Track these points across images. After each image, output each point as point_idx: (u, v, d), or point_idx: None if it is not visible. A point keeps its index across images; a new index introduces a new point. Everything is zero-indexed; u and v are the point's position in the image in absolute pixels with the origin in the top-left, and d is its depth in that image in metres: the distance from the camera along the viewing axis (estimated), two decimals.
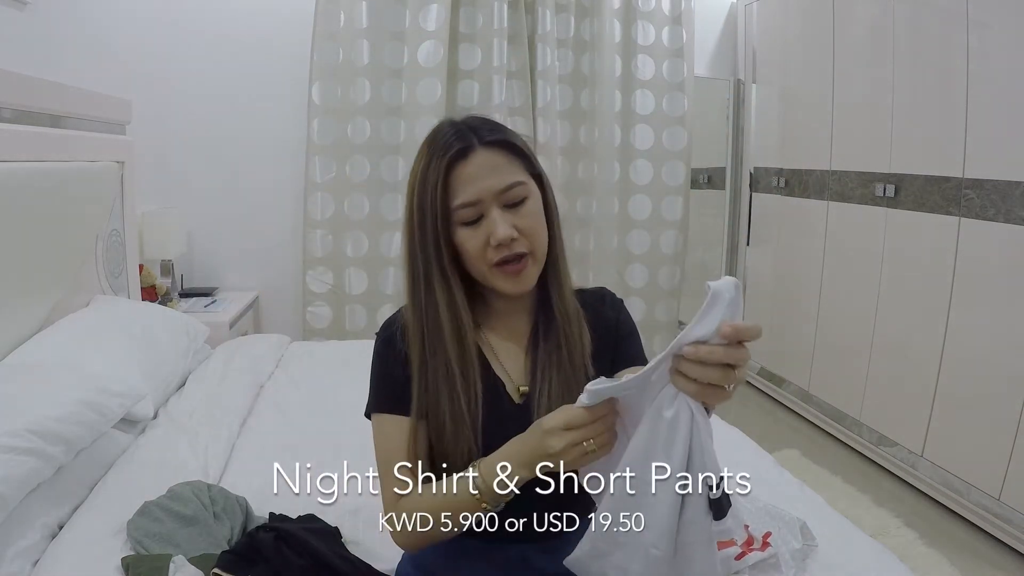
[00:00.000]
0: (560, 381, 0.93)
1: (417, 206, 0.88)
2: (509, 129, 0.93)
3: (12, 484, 1.16)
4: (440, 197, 0.86)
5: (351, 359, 2.44)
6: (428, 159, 0.88)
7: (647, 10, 3.45)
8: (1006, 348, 2.16)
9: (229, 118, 3.22)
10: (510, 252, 0.87)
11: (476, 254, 0.88)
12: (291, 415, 1.92)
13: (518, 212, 0.88)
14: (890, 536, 2.15)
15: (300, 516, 1.31)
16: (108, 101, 2.40)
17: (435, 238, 0.87)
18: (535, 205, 0.90)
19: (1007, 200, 2.13)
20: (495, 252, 0.87)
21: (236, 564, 1.13)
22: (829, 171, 3.05)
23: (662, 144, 3.57)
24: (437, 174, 0.86)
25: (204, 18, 3.12)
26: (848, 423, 2.92)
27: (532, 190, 0.90)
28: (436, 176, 0.86)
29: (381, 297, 3.36)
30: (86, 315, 2.01)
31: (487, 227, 0.86)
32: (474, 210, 0.86)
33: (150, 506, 1.27)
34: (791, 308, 3.40)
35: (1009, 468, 2.13)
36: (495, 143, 0.88)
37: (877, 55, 2.70)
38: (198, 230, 3.29)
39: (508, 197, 0.87)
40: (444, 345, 0.90)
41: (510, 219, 0.87)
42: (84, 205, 2.15)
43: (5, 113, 1.73)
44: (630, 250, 3.64)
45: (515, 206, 0.88)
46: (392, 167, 3.27)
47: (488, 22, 3.22)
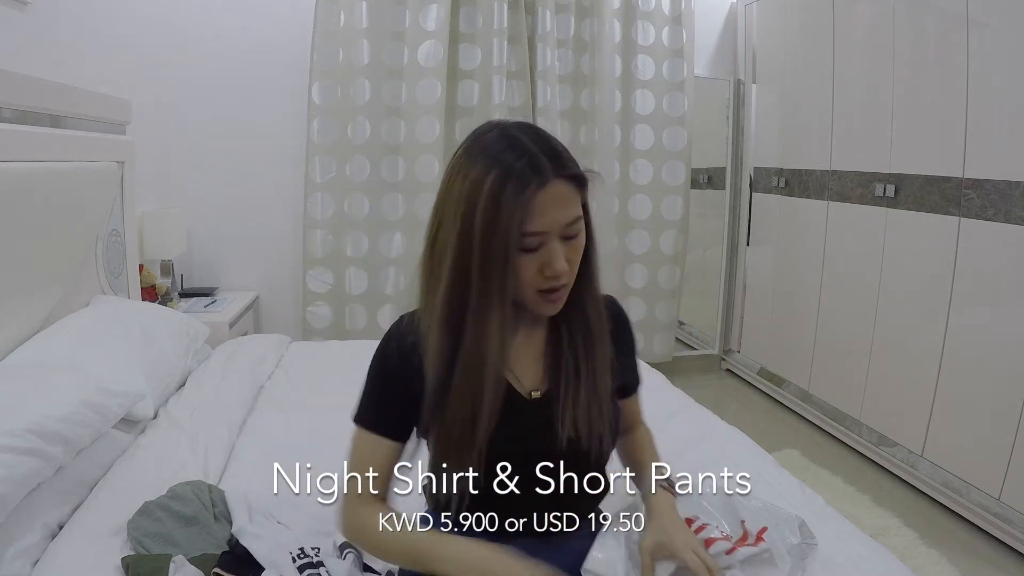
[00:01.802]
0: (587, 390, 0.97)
1: (482, 225, 0.85)
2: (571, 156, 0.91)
3: (12, 484, 1.16)
4: (518, 222, 0.85)
5: (351, 359, 2.43)
6: (502, 181, 0.84)
7: (647, 10, 3.46)
8: (1006, 348, 2.16)
9: (229, 118, 3.22)
10: (557, 283, 0.90)
11: (528, 279, 0.89)
12: (291, 415, 1.92)
13: (570, 245, 0.90)
14: (890, 536, 2.15)
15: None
16: (108, 101, 2.39)
17: (504, 260, 0.86)
18: (582, 238, 0.92)
19: (1007, 200, 2.13)
20: (545, 281, 0.89)
21: (236, 564, 1.13)
22: (829, 171, 3.05)
23: (662, 144, 3.57)
24: (516, 200, 0.84)
25: (204, 18, 3.12)
26: (848, 423, 2.92)
27: (583, 223, 0.92)
28: (515, 201, 0.84)
29: (381, 297, 3.36)
30: (86, 315, 2.00)
31: (545, 257, 0.88)
32: (538, 239, 0.87)
33: (150, 506, 1.27)
34: (791, 308, 3.40)
35: (1009, 468, 2.13)
36: (567, 177, 0.88)
37: (877, 55, 2.70)
38: (198, 230, 3.30)
39: (568, 231, 0.89)
40: (483, 370, 0.90)
41: (563, 251, 0.89)
42: (84, 205, 2.15)
43: (5, 113, 1.73)
44: (630, 250, 3.64)
45: (569, 239, 0.90)
46: (392, 167, 3.27)
47: (488, 22, 3.22)
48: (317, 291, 3.32)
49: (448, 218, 0.88)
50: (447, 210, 0.89)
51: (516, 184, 0.84)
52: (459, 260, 0.87)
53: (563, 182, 0.87)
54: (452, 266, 0.88)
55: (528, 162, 0.85)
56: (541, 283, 0.89)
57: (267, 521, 1.26)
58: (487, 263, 0.86)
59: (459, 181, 0.88)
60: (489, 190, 0.84)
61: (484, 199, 0.85)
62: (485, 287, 0.87)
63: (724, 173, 3.89)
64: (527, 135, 0.89)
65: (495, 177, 0.85)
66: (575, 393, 0.96)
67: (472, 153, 0.89)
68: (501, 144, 0.87)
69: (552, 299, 0.91)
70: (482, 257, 0.86)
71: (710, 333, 4.12)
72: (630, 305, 3.65)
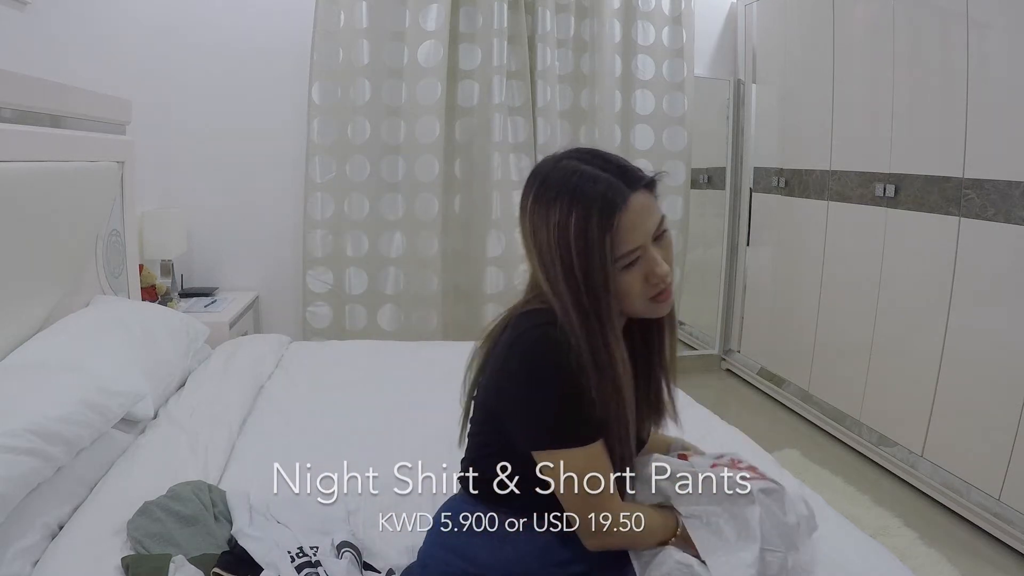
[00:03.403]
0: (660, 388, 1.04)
1: (580, 263, 0.87)
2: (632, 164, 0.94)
3: (12, 484, 1.16)
4: (611, 251, 0.87)
5: (351, 359, 2.44)
6: (585, 216, 0.87)
7: (647, 10, 3.46)
8: (1006, 348, 2.16)
9: (229, 118, 3.22)
10: (665, 284, 0.93)
11: (637, 293, 0.92)
12: (291, 415, 1.92)
13: (662, 243, 0.93)
14: (890, 536, 2.15)
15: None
16: (108, 101, 2.39)
17: (606, 292, 0.89)
18: (670, 233, 0.95)
19: (1007, 200, 2.13)
20: (653, 288, 0.92)
21: (236, 564, 1.13)
22: (829, 171, 3.05)
23: (662, 144, 3.57)
24: (603, 231, 0.87)
25: (204, 18, 3.12)
26: (848, 423, 2.92)
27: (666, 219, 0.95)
28: (603, 233, 0.87)
29: (381, 297, 3.36)
30: (86, 315, 2.00)
31: (646, 266, 0.91)
32: (635, 254, 0.90)
33: (150, 506, 1.27)
34: (791, 308, 3.40)
35: (1009, 468, 2.13)
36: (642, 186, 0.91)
37: (877, 55, 2.70)
38: (198, 230, 3.30)
39: (658, 233, 0.92)
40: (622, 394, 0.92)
41: (660, 252, 0.92)
42: (84, 205, 2.15)
43: (5, 113, 1.73)
44: None
45: (659, 239, 0.93)
46: (392, 167, 3.27)
47: (488, 22, 3.22)
48: (317, 291, 3.32)
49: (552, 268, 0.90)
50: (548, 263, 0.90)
51: (601, 215, 0.87)
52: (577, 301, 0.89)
53: (640, 193, 0.90)
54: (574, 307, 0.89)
55: (604, 188, 0.88)
56: (650, 291, 0.92)
57: (267, 521, 1.26)
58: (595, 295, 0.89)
59: (543, 228, 0.90)
60: (577, 229, 0.87)
61: (575, 240, 0.87)
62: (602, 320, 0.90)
63: (724, 173, 3.89)
64: (590, 162, 0.91)
65: (578, 215, 0.87)
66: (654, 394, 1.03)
67: (543, 199, 0.90)
68: (571, 179, 0.89)
69: (663, 299, 0.94)
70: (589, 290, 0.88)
71: (710, 333, 4.12)
72: None
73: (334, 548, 1.17)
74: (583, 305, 0.89)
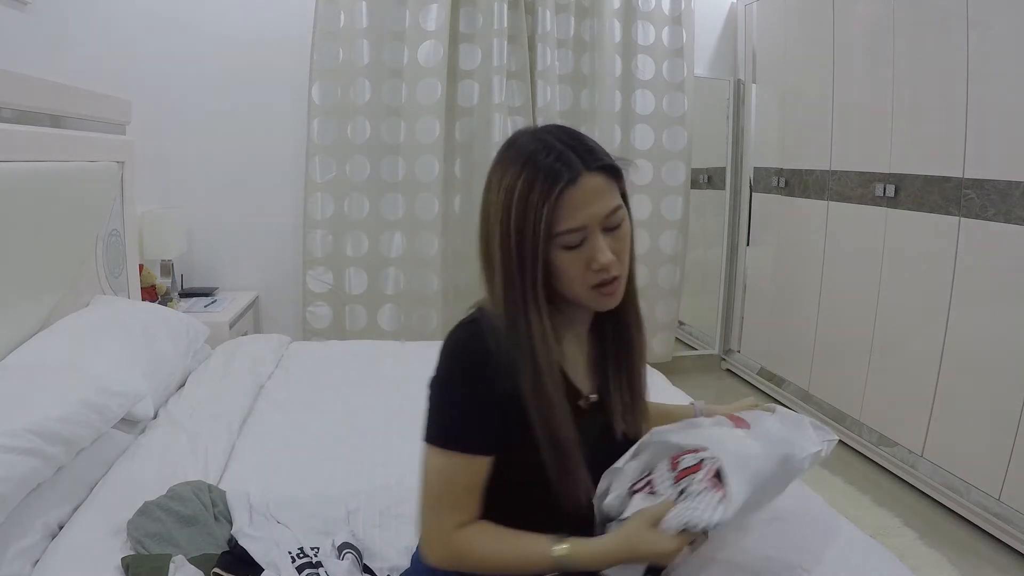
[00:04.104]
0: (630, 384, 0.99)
1: (515, 229, 0.85)
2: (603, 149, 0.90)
3: (12, 484, 1.16)
4: (546, 222, 0.84)
5: (351, 359, 2.44)
6: (530, 182, 0.84)
7: (647, 10, 3.45)
8: (1006, 348, 2.16)
9: (229, 118, 3.22)
10: (608, 276, 0.88)
11: (576, 277, 0.88)
12: (291, 415, 1.92)
13: (615, 235, 0.89)
14: (890, 536, 2.16)
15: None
16: (108, 101, 2.39)
17: (533, 263, 0.86)
18: (627, 227, 0.91)
19: (1007, 200, 2.13)
20: (595, 276, 0.88)
21: (236, 564, 1.13)
22: (829, 171, 3.05)
23: (662, 144, 3.57)
24: (544, 200, 0.84)
25: (204, 18, 3.12)
26: (848, 423, 2.92)
27: (624, 211, 0.91)
28: (542, 202, 0.84)
29: (381, 297, 3.36)
30: (86, 315, 2.01)
31: (589, 251, 0.87)
32: (578, 235, 0.86)
33: (150, 506, 1.27)
34: (791, 308, 3.40)
35: (1009, 468, 2.13)
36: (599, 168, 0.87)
37: (877, 55, 2.70)
38: (198, 230, 3.30)
39: (609, 222, 0.88)
40: (542, 376, 0.88)
41: (608, 243, 0.88)
42: (84, 205, 2.15)
43: (5, 113, 1.73)
44: None
45: (613, 229, 0.89)
46: (392, 167, 3.27)
47: (488, 22, 3.22)
48: (317, 291, 3.32)
49: (492, 228, 0.88)
50: (490, 221, 0.89)
51: (544, 183, 0.84)
52: (506, 268, 0.87)
53: (596, 174, 0.86)
54: (502, 274, 0.88)
55: (556, 159, 0.85)
56: (592, 278, 0.88)
57: (266, 521, 1.26)
58: (523, 265, 0.86)
59: (494, 188, 0.88)
60: (519, 194, 0.85)
61: (516, 204, 0.85)
62: (524, 292, 0.87)
63: (724, 173, 3.89)
64: (556, 134, 0.88)
65: (524, 180, 0.85)
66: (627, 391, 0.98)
67: (504, 161, 0.89)
68: (531, 146, 0.87)
69: (607, 292, 0.90)
70: (519, 259, 0.86)
71: (710, 333, 4.12)
72: None
73: (335, 549, 1.17)
74: (511, 271, 0.87)
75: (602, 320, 0.99)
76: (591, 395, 0.99)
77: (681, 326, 4.22)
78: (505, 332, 0.89)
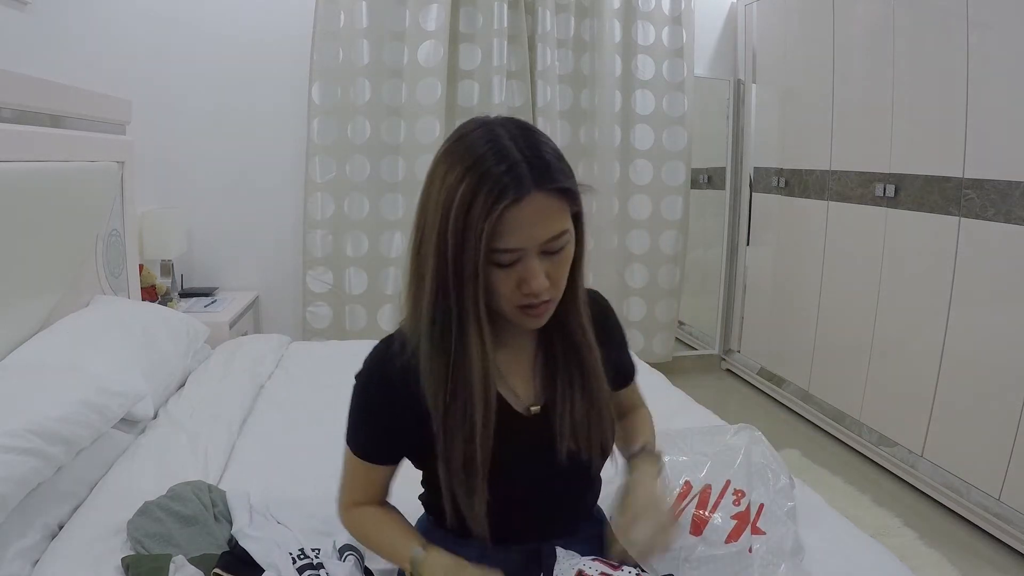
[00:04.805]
0: (583, 403, 0.93)
1: (453, 240, 0.78)
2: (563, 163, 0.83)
3: (12, 484, 1.16)
4: (486, 241, 0.77)
5: (351, 359, 2.43)
6: (472, 193, 0.77)
7: (647, 10, 3.46)
8: (1006, 348, 2.16)
9: (229, 118, 3.22)
10: (538, 300, 0.83)
11: (504, 294, 0.83)
12: (291, 415, 1.92)
13: (553, 260, 0.82)
14: (890, 536, 2.15)
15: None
16: (108, 101, 2.39)
17: (474, 279, 0.80)
18: (570, 251, 0.84)
19: (1007, 200, 2.13)
20: (523, 298, 0.83)
21: (236, 565, 1.13)
22: (829, 171, 3.05)
23: (662, 144, 3.57)
24: (485, 218, 0.76)
25: (204, 18, 3.12)
26: (848, 423, 2.92)
27: (571, 236, 0.84)
28: (484, 219, 0.77)
29: (381, 297, 3.36)
30: (86, 315, 2.00)
31: (521, 273, 0.81)
32: (514, 255, 0.80)
33: (150, 506, 1.27)
34: (791, 308, 3.40)
35: (1009, 468, 2.13)
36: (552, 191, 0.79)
37: (877, 55, 2.70)
38: (198, 230, 3.30)
39: (550, 246, 0.81)
40: (471, 391, 0.85)
41: (545, 266, 0.82)
42: (84, 205, 2.15)
43: (5, 113, 1.73)
44: (630, 250, 3.64)
45: (552, 253, 0.82)
46: (392, 167, 3.27)
47: (488, 22, 3.22)
48: (317, 291, 3.32)
49: (428, 225, 0.83)
50: (428, 216, 0.83)
51: (488, 197, 0.76)
52: (438, 271, 0.81)
53: (546, 195, 0.78)
54: (433, 276, 0.82)
55: (506, 171, 0.77)
56: (520, 299, 0.83)
57: (267, 522, 1.26)
58: (460, 277, 0.80)
59: (437, 184, 0.81)
60: (460, 201, 0.77)
61: (455, 210, 0.78)
62: (461, 305, 0.82)
63: (724, 173, 3.89)
64: (514, 138, 0.80)
65: (468, 187, 0.77)
66: (572, 406, 0.93)
67: (451, 154, 0.81)
68: (482, 147, 0.79)
69: (533, 314, 0.85)
70: (455, 271, 0.80)
71: (710, 333, 4.12)
72: (630, 305, 3.65)
73: (336, 550, 1.17)
74: (445, 281, 0.81)
75: (550, 335, 0.94)
76: (532, 406, 0.94)
77: (681, 326, 4.22)
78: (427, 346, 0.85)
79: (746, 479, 1.19)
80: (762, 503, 1.15)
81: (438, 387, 0.86)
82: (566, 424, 0.92)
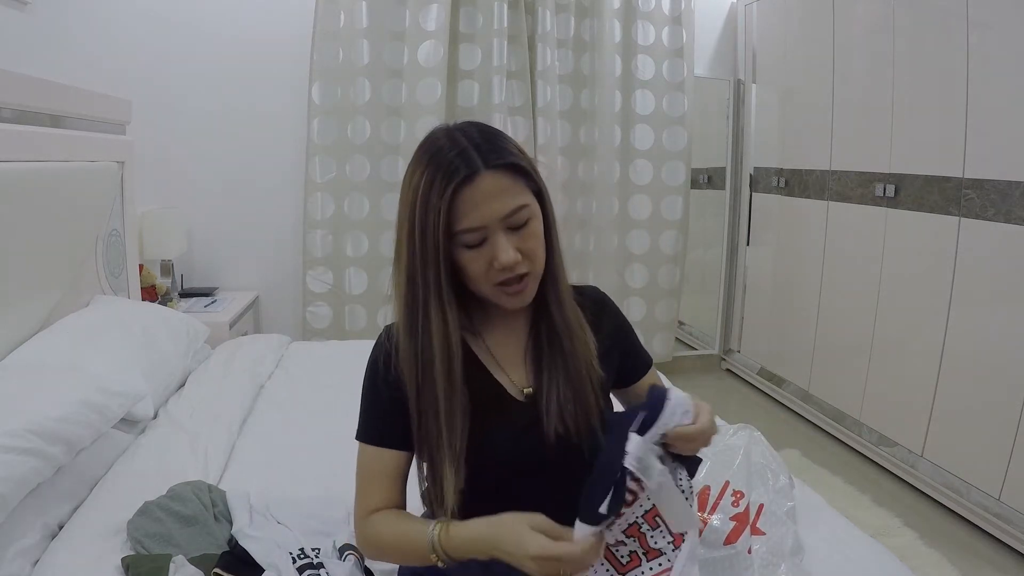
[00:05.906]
0: (567, 386, 0.95)
1: (418, 227, 0.85)
2: (512, 144, 0.89)
3: (12, 484, 1.16)
4: (444, 221, 0.84)
5: (351, 359, 2.43)
6: (430, 180, 0.84)
7: (647, 10, 3.46)
8: (1006, 348, 2.16)
9: (229, 118, 3.22)
10: (512, 275, 0.87)
11: (479, 275, 0.88)
12: (291, 415, 1.92)
13: (520, 234, 0.87)
14: (890, 536, 2.15)
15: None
16: (108, 101, 2.39)
17: (435, 261, 0.86)
18: (536, 225, 0.89)
19: (1007, 200, 2.13)
20: (498, 274, 0.87)
21: (236, 564, 1.13)
22: (829, 171, 3.05)
23: (662, 144, 3.57)
24: (440, 198, 0.83)
25: (204, 18, 3.12)
26: (848, 423, 2.92)
27: (534, 210, 0.89)
28: (439, 200, 0.83)
29: (381, 297, 3.36)
30: (86, 315, 2.00)
31: (490, 251, 0.86)
32: (478, 234, 0.85)
33: (150, 506, 1.27)
34: (791, 308, 3.40)
35: (1009, 468, 2.13)
36: (501, 166, 0.85)
37: (877, 55, 2.70)
38: (198, 230, 3.30)
39: (512, 221, 0.86)
40: (433, 375, 0.89)
41: (514, 242, 0.86)
42: (84, 205, 2.15)
43: (5, 113, 1.73)
44: (630, 250, 3.64)
45: (518, 228, 0.87)
46: (392, 167, 3.27)
47: (488, 22, 3.22)
48: (317, 291, 3.32)
49: (400, 221, 0.89)
50: (400, 218, 0.89)
51: (443, 180, 0.83)
52: (409, 258, 0.88)
53: (496, 173, 0.84)
54: (406, 265, 0.88)
55: (457, 155, 0.84)
56: (495, 276, 0.87)
57: (267, 522, 1.26)
58: (425, 262, 0.86)
59: (405, 184, 0.88)
60: (422, 189, 0.84)
61: (416, 199, 0.85)
62: (425, 290, 0.87)
63: (724, 173, 3.89)
64: (467, 131, 0.87)
65: (426, 177, 0.84)
66: (558, 388, 0.95)
67: (415, 156, 0.89)
68: (440, 143, 0.87)
69: (512, 291, 0.89)
70: (422, 257, 0.86)
71: (710, 333, 4.12)
72: (630, 305, 3.64)
73: (336, 550, 1.17)
74: (414, 269, 0.87)
75: (538, 318, 0.98)
76: (526, 388, 0.97)
77: (681, 326, 4.22)
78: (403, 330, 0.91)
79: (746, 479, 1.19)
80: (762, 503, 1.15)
81: (410, 370, 0.91)
82: (552, 406, 0.94)
